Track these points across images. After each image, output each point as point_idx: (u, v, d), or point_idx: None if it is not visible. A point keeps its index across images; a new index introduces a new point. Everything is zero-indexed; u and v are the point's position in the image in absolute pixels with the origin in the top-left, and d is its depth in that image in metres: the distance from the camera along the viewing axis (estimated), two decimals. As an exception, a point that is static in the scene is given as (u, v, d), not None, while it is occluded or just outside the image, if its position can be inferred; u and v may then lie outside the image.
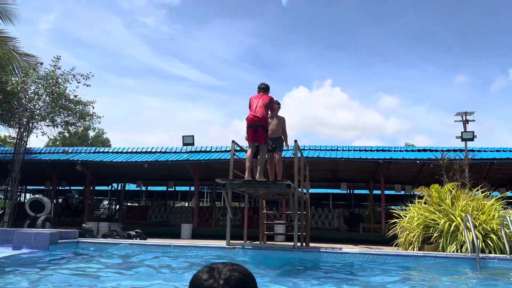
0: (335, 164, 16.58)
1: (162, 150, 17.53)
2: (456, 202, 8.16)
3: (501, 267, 6.19)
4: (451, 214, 7.75)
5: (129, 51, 67.49)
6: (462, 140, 13.26)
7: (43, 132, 13.50)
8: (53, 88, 12.50)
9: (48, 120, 13.10)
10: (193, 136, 15.81)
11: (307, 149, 16.02)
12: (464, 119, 13.98)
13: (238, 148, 7.99)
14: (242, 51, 71.91)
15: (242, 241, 8.30)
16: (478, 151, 15.09)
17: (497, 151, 15.37)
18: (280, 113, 8.23)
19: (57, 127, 13.41)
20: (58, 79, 12.69)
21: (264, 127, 7.16)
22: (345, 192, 24.23)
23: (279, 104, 8.04)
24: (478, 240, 6.58)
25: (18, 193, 21.63)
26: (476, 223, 7.34)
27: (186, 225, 14.91)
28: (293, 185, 7.15)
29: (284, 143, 8.16)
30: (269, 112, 7.59)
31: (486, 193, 8.79)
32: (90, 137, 36.88)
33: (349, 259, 6.61)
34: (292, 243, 7.13)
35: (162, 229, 16.54)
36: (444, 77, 68.39)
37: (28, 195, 25.09)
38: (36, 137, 14.39)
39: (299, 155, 7.98)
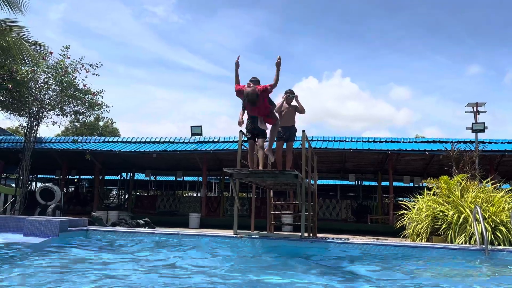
0: (343, 155, 16.52)
1: (171, 140, 17.59)
2: (465, 194, 8.10)
3: (510, 259, 6.14)
4: (460, 206, 7.70)
5: (137, 42, 67.60)
6: (472, 131, 13.11)
7: (53, 121, 13.62)
8: (62, 77, 12.56)
9: (57, 109, 13.20)
10: (201, 126, 15.86)
11: (315, 140, 15.96)
12: (475, 110, 13.80)
13: (245, 138, 7.98)
14: (250, 42, 71.64)
15: (249, 231, 8.33)
16: (489, 142, 14.90)
17: (508, 142, 15.16)
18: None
19: (66, 116, 13.51)
20: (67, 68, 12.75)
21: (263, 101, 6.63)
22: (353, 183, 24.15)
23: (294, 93, 7.82)
24: (487, 232, 6.53)
25: (29, 182, 21.95)
26: (486, 215, 7.28)
27: (194, 215, 15.00)
28: (301, 175, 7.13)
29: (295, 133, 8.12)
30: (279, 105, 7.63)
31: (496, 185, 8.70)
32: (99, 127, 37.13)
33: (356, 249, 6.60)
34: (299, 233, 7.14)
35: (170, 218, 16.67)
36: (456, 68, 67.54)
37: (38, 184, 25.41)
38: (47, 126, 14.51)
39: (307, 145, 7.95)
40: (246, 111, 7.17)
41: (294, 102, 7.89)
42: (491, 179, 9.04)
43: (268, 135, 7.31)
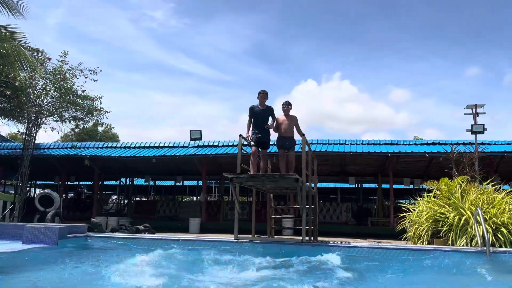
0: (343, 158, 16.50)
1: (170, 145, 17.58)
2: (466, 195, 8.08)
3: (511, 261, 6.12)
4: (460, 208, 7.67)
5: (136, 46, 67.68)
6: (472, 133, 13.08)
7: (52, 127, 13.58)
8: (60, 83, 12.54)
9: (56, 115, 13.16)
10: (200, 130, 15.82)
11: (315, 143, 15.95)
12: (474, 112, 13.77)
13: (245, 142, 7.97)
14: (248, 45, 71.74)
15: (250, 235, 8.30)
16: (488, 144, 14.90)
17: (508, 144, 15.17)
18: (291, 112, 8.32)
19: (65, 122, 13.47)
20: (65, 74, 12.73)
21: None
22: (354, 186, 24.13)
23: (290, 104, 8.23)
24: (488, 234, 6.51)
25: (28, 188, 21.88)
26: (486, 217, 7.25)
27: (194, 220, 14.95)
28: (301, 179, 7.11)
29: (297, 141, 8.37)
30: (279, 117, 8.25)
31: (496, 186, 8.68)
32: (99, 133, 37.08)
33: (357, 252, 6.57)
34: (300, 237, 7.11)
35: (170, 223, 16.61)
36: (455, 70, 67.66)
37: (37, 190, 25.35)
38: (45, 132, 14.51)
39: (307, 149, 7.95)
40: (253, 121, 7.97)
41: (291, 112, 8.24)
42: (491, 180, 9.02)
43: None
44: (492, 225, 7.17)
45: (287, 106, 8.18)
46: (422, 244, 7.67)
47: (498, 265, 5.97)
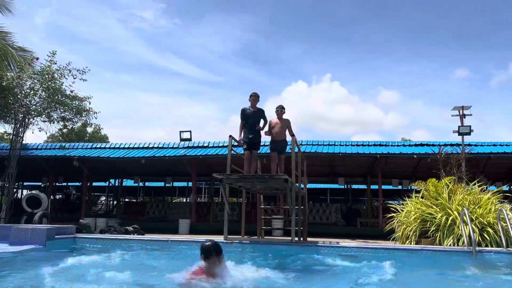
0: (332, 159, 16.59)
1: (160, 146, 17.50)
2: (453, 196, 8.19)
3: (497, 260, 6.22)
4: (448, 208, 7.78)
5: (125, 47, 67.18)
6: (459, 135, 13.24)
7: (40, 128, 13.44)
8: (49, 83, 12.42)
9: (44, 115, 13.03)
10: (190, 131, 15.80)
11: (304, 144, 16.01)
12: (461, 113, 13.95)
13: (235, 143, 7.99)
14: (239, 46, 71.70)
15: (240, 236, 8.31)
16: (475, 145, 15.11)
17: (494, 145, 15.41)
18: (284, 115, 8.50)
19: (53, 122, 13.34)
20: (54, 74, 12.62)
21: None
22: (343, 187, 24.26)
23: (284, 108, 8.43)
24: (474, 234, 6.61)
25: (15, 189, 21.59)
26: (473, 217, 7.36)
27: (184, 221, 14.89)
28: (291, 179, 7.15)
29: (286, 146, 8.49)
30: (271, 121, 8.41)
31: (482, 187, 8.81)
32: (87, 134, 36.73)
33: (346, 253, 6.62)
34: (290, 238, 7.14)
35: (160, 224, 16.53)
36: (443, 72, 68.43)
37: (25, 191, 25.03)
38: (32, 133, 14.36)
39: (296, 150, 8.00)
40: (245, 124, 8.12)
41: (286, 116, 8.45)
42: (477, 181, 9.15)
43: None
44: (479, 225, 7.28)
45: (280, 109, 8.40)
46: (410, 244, 7.76)
47: (484, 264, 6.07)
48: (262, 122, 8.29)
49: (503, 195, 8.53)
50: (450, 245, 7.18)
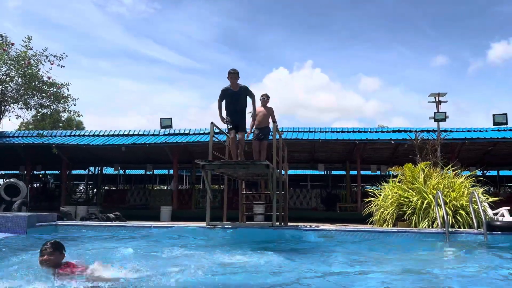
0: (312, 146, 16.80)
1: (140, 133, 17.37)
2: (428, 180, 8.47)
3: (469, 241, 6.52)
4: (423, 192, 8.06)
5: (102, 32, 65.72)
6: (435, 121, 13.61)
7: (17, 115, 13.19)
8: (25, 69, 12.16)
9: (21, 102, 12.78)
10: (171, 118, 15.74)
11: (285, 131, 16.16)
12: (437, 100, 14.30)
13: (217, 130, 8.03)
14: (218, 33, 71.07)
15: (222, 222, 8.41)
16: (450, 131, 15.54)
17: (468, 131, 15.89)
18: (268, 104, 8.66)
19: (30, 109, 13.10)
20: (30, 60, 12.34)
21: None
22: (323, 173, 24.64)
23: (268, 96, 8.59)
24: (448, 216, 6.89)
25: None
26: (447, 200, 7.66)
27: (166, 208, 14.92)
28: (272, 165, 7.26)
29: (272, 132, 8.49)
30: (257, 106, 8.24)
31: (457, 171, 9.14)
32: (62, 120, 35.85)
33: (326, 234, 6.82)
34: (271, 222, 7.29)
35: (141, 212, 16.50)
36: (421, 59, 69.50)
37: (1, 180, 24.51)
38: (9, 120, 14.06)
39: (277, 136, 8.12)
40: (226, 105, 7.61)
41: (269, 104, 8.58)
42: (452, 166, 9.48)
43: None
44: (452, 208, 7.59)
45: (266, 97, 8.57)
46: (388, 227, 8.03)
47: (457, 245, 6.35)
48: (250, 103, 7.70)
49: (476, 179, 8.89)
50: (425, 227, 7.48)
